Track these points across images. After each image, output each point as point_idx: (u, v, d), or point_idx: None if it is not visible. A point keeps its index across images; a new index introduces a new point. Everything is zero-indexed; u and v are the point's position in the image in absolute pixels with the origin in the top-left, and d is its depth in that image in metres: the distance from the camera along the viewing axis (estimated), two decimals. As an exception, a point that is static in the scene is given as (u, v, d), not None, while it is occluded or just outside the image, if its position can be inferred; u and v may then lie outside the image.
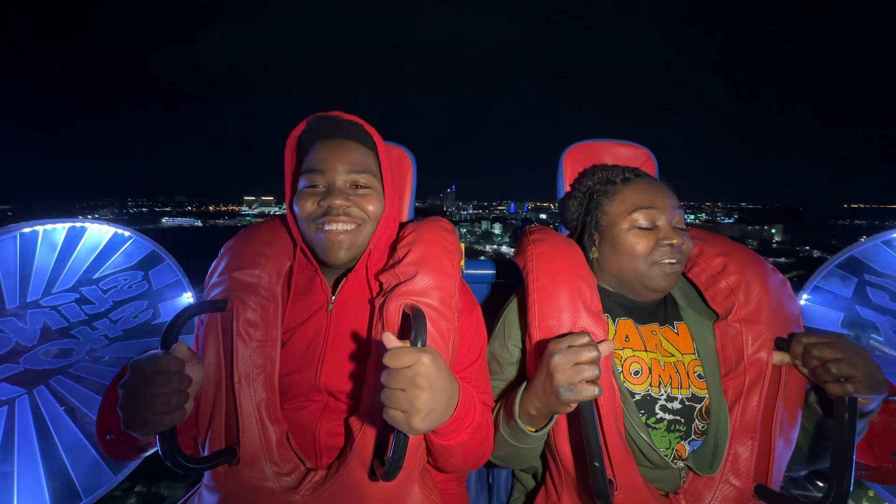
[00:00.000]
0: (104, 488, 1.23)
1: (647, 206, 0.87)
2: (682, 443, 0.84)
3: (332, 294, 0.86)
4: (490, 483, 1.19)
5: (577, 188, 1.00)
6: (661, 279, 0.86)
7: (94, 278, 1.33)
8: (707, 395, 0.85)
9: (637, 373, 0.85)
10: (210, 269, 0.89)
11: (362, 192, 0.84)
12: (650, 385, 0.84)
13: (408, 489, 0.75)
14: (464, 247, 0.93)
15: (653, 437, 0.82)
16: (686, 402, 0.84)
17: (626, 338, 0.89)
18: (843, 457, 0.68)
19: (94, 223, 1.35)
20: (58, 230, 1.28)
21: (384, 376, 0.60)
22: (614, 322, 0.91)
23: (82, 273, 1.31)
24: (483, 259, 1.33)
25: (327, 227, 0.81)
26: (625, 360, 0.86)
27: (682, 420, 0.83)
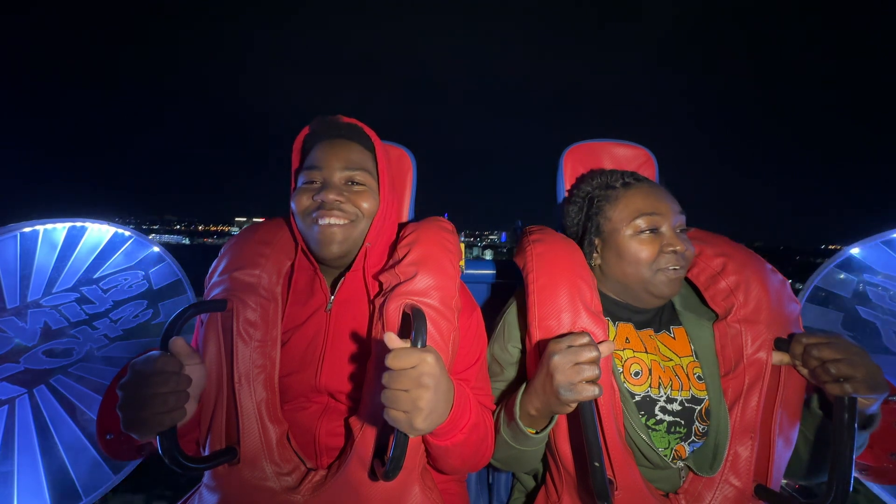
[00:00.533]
0: (104, 488, 1.24)
1: (649, 212, 0.87)
2: (682, 443, 0.84)
3: (331, 294, 0.87)
4: (490, 483, 1.19)
5: (576, 193, 1.00)
6: (665, 286, 0.86)
7: (95, 278, 1.33)
8: (707, 397, 0.85)
9: (637, 374, 0.85)
10: (210, 269, 0.89)
11: (357, 188, 0.85)
12: (650, 386, 0.84)
13: (408, 489, 0.75)
14: (463, 247, 0.93)
15: (653, 438, 0.82)
16: (686, 404, 0.84)
17: (627, 339, 0.89)
18: (844, 457, 0.68)
19: (94, 223, 1.35)
20: (58, 230, 1.28)
21: (386, 378, 0.60)
22: (615, 325, 0.91)
23: (82, 273, 1.31)
24: (483, 259, 1.33)
25: (321, 221, 0.82)
26: (625, 361, 0.86)
27: (683, 422, 0.83)
